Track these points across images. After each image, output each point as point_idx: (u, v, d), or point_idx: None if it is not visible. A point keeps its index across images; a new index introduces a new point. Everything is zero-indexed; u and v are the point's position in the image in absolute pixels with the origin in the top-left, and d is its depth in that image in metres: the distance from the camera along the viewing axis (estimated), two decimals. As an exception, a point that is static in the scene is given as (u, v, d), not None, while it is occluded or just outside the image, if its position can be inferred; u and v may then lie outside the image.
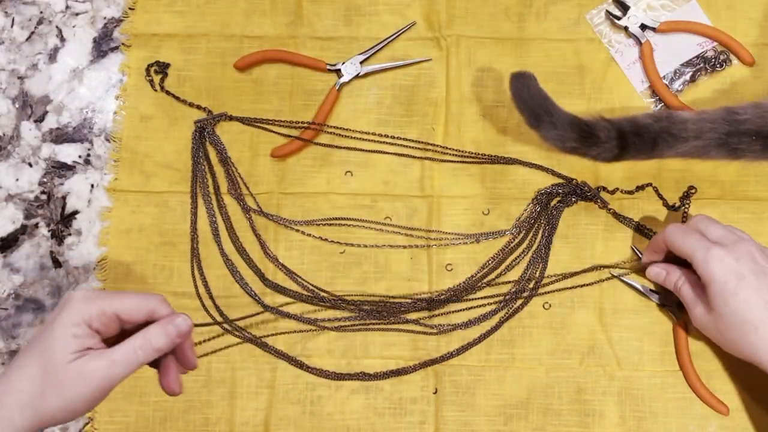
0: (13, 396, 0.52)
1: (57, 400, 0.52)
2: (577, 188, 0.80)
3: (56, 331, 0.53)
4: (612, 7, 0.84)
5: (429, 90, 0.83)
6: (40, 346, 0.53)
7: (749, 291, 0.64)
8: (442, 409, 0.76)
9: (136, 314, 0.55)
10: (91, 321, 0.53)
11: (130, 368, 0.54)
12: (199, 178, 0.82)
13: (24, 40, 0.86)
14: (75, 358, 0.52)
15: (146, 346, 0.54)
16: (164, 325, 0.55)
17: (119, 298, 0.55)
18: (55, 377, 0.52)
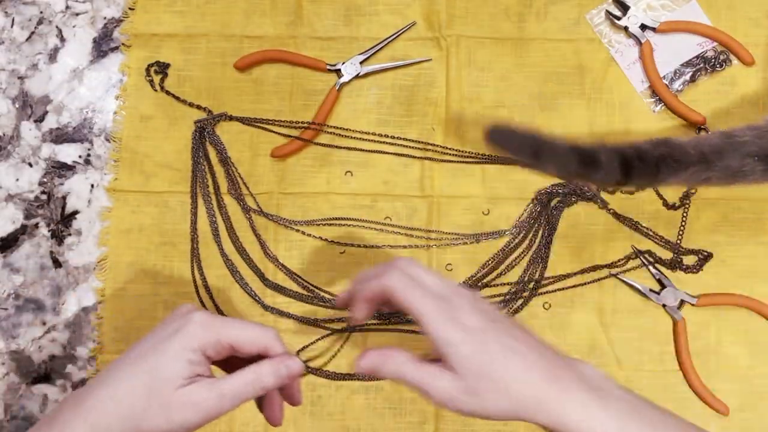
0: (115, 406, 0.51)
1: (161, 422, 0.51)
2: (577, 188, 0.80)
3: (170, 353, 0.52)
4: (612, 7, 0.84)
5: (429, 90, 0.83)
6: (149, 364, 0.52)
7: (493, 343, 0.53)
8: (442, 409, 0.76)
9: (249, 347, 0.54)
10: (206, 348, 0.52)
11: (238, 402, 0.53)
12: (199, 178, 0.82)
13: (24, 40, 0.86)
14: (185, 384, 0.51)
15: (257, 384, 0.53)
16: (277, 365, 0.54)
17: (237, 328, 0.53)
18: (162, 399, 0.51)
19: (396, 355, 0.55)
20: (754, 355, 0.77)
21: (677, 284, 0.78)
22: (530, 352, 0.53)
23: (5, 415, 0.77)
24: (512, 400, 0.51)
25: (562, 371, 0.52)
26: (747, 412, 0.75)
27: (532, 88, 0.83)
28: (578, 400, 0.50)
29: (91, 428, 0.51)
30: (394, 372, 0.54)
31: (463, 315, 0.53)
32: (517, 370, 0.52)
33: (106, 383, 0.52)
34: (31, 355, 0.79)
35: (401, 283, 0.54)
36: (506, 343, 0.53)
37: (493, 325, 0.53)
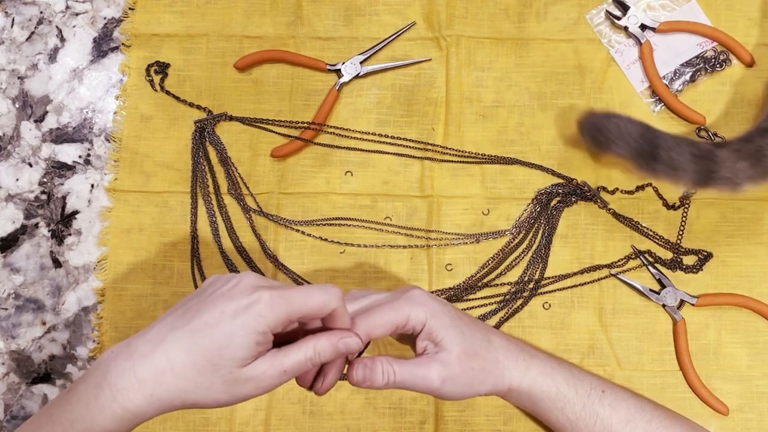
0: (175, 380, 0.50)
1: (223, 396, 0.51)
2: (577, 188, 0.80)
3: (238, 336, 0.50)
4: (612, 7, 0.84)
5: (429, 90, 0.83)
6: (216, 344, 0.50)
7: (459, 313, 0.63)
8: (442, 409, 0.76)
9: (318, 315, 0.54)
10: (276, 328, 0.52)
11: (296, 375, 0.54)
12: (199, 178, 0.82)
13: (24, 40, 0.86)
14: (250, 362, 0.51)
15: (315, 359, 0.54)
16: (336, 342, 0.54)
17: (304, 300, 0.52)
18: (228, 377, 0.51)
19: (381, 360, 0.59)
20: (754, 355, 0.77)
21: (677, 284, 0.78)
22: (488, 326, 0.67)
23: (5, 415, 0.77)
24: (496, 367, 0.62)
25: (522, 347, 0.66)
26: (747, 412, 0.75)
27: (532, 88, 0.83)
28: (536, 367, 0.64)
29: (150, 399, 0.50)
30: (386, 376, 0.59)
31: (425, 295, 0.62)
32: (492, 336, 0.63)
33: (163, 351, 0.51)
34: (31, 355, 0.79)
35: (381, 316, 0.59)
36: (469, 316, 0.65)
37: (449, 303, 0.64)
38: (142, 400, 0.50)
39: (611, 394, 0.65)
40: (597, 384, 0.65)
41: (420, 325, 0.60)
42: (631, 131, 0.71)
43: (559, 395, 0.64)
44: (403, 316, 0.59)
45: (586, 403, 0.64)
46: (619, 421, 0.63)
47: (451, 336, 0.60)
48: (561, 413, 0.64)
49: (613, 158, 0.74)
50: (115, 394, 0.50)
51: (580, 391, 0.64)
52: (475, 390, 0.62)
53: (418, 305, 0.60)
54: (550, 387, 0.64)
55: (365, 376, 0.59)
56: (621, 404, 0.64)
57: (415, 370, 0.59)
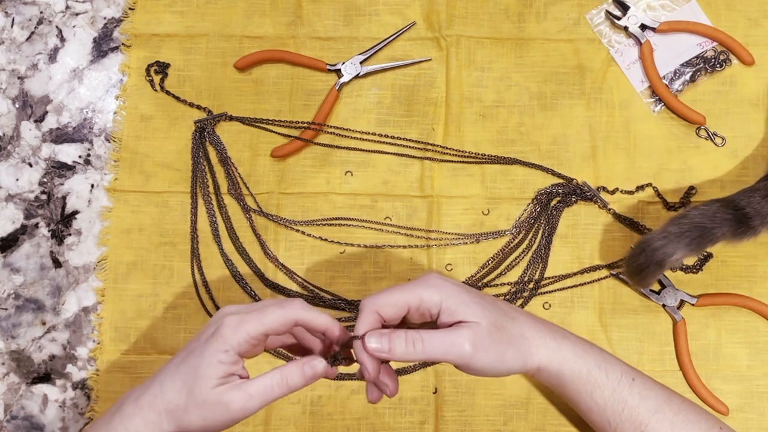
0: (162, 403, 0.57)
1: (198, 420, 0.56)
2: (577, 188, 0.80)
3: (206, 356, 0.56)
4: (612, 7, 0.84)
5: (429, 90, 0.83)
6: (190, 365, 0.57)
7: (478, 293, 0.62)
8: (443, 409, 0.76)
9: (281, 329, 0.57)
10: (239, 348, 0.56)
11: (265, 402, 0.56)
12: (199, 178, 0.82)
13: (24, 40, 0.86)
14: (218, 384, 0.56)
15: (282, 384, 0.56)
16: (301, 366, 0.57)
17: (263, 318, 0.56)
18: (199, 398, 0.55)
19: (403, 331, 0.58)
20: (754, 355, 0.77)
21: (677, 284, 0.78)
22: (510, 305, 0.65)
23: (5, 415, 0.77)
24: (523, 343, 0.61)
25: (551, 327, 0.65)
26: (747, 412, 0.75)
27: (532, 88, 0.83)
28: (566, 347, 0.63)
29: (145, 421, 0.56)
30: (410, 344, 0.57)
31: (442, 277, 0.61)
32: (515, 314, 0.62)
33: (158, 382, 0.58)
34: (31, 355, 0.79)
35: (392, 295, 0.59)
36: (490, 296, 0.64)
37: (468, 286, 0.63)
38: (140, 422, 0.57)
39: (641, 383, 0.64)
40: (627, 371, 0.64)
41: (435, 307, 0.58)
42: (676, 246, 0.70)
43: (590, 378, 0.63)
44: (416, 297, 0.58)
45: (616, 389, 0.63)
46: (647, 410, 0.62)
47: (475, 311, 0.58)
48: (590, 396, 0.63)
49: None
50: (122, 418, 0.57)
51: (611, 377, 0.63)
52: (506, 365, 0.60)
53: (431, 287, 0.59)
54: (581, 369, 0.62)
55: (381, 346, 0.57)
56: (650, 394, 0.63)
57: (444, 337, 0.57)
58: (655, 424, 0.62)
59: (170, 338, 0.78)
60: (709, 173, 0.80)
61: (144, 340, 0.78)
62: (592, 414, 0.64)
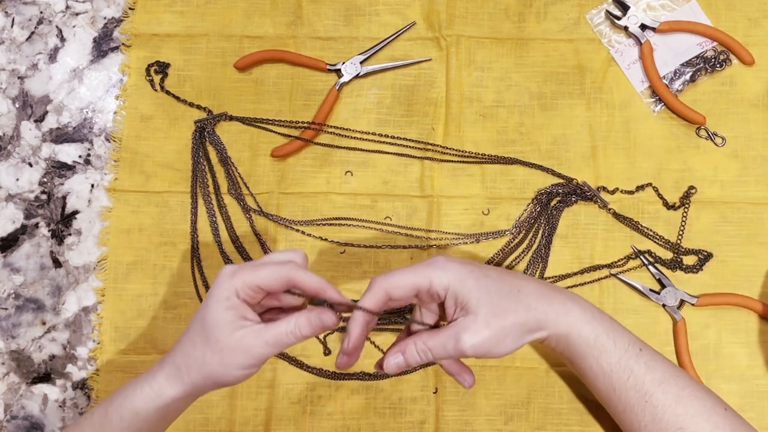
0: (182, 359, 0.59)
1: (218, 366, 0.58)
2: (577, 188, 0.80)
3: (210, 306, 0.58)
4: (612, 7, 0.84)
5: (429, 90, 0.83)
6: (200, 320, 0.59)
7: (486, 269, 0.63)
8: (443, 409, 0.76)
9: (275, 284, 0.59)
10: (237, 293, 0.58)
11: (281, 348, 0.59)
12: (199, 178, 0.82)
13: (24, 40, 0.86)
14: (232, 329, 0.58)
15: (296, 332, 0.58)
16: (310, 317, 0.59)
17: (256, 271, 0.58)
18: (216, 346, 0.58)
19: (412, 341, 0.61)
20: (754, 355, 0.77)
21: (677, 284, 0.78)
22: (519, 274, 0.66)
23: (5, 415, 0.77)
24: (529, 314, 0.61)
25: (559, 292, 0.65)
26: (747, 412, 0.75)
27: (532, 88, 0.83)
28: (575, 312, 0.63)
29: (166, 376, 0.60)
30: (422, 355, 0.61)
31: (450, 259, 0.62)
32: (523, 285, 0.62)
33: (176, 343, 0.61)
34: (31, 355, 0.79)
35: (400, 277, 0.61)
36: (498, 269, 0.64)
37: (476, 262, 0.64)
38: (162, 378, 0.60)
39: (648, 354, 0.63)
40: (635, 342, 0.64)
41: (443, 290, 0.60)
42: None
43: (597, 343, 0.62)
44: (425, 279, 0.60)
45: (623, 357, 0.62)
46: (652, 381, 0.62)
47: (477, 298, 0.60)
48: (596, 361, 0.63)
49: None
50: (148, 376, 0.61)
51: (618, 344, 0.63)
52: (513, 346, 0.61)
53: (440, 269, 0.60)
54: (588, 333, 0.62)
55: (399, 364, 0.62)
56: (657, 365, 0.63)
57: (446, 342, 0.60)
58: (660, 395, 0.62)
59: (170, 338, 0.78)
60: (709, 173, 0.81)
61: (144, 340, 0.78)
62: (598, 380, 0.64)
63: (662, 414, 0.61)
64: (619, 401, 0.63)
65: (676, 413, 0.61)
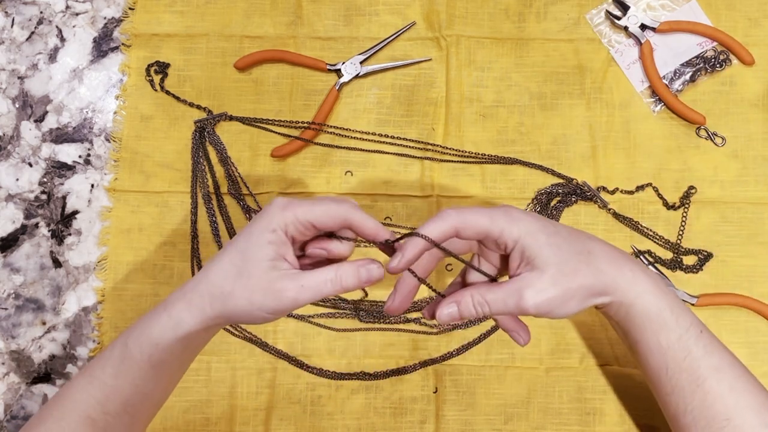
0: (208, 287, 0.56)
1: (244, 303, 0.55)
2: (577, 188, 0.80)
3: (254, 235, 0.55)
4: (612, 7, 0.84)
5: (429, 90, 0.83)
6: (238, 248, 0.56)
7: (558, 226, 0.59)
8: (443, 409, 0.76)
9: (329, 222, 0.56)
10: (286, 228, 0.55)
11: (316, 297, 0.55)
12: (199, 178, 0.82)
13: (24, 40, 0.86)
14: (269, 267, 0.55)
15: (336, 282, 0.55)
16: (358, 268, 0.56)
17: (313, 206, 0.55)
18: (248, 282, 0.54)
19: (469, 293, 0.57)
20: (754, 355, 0.77)
21: (677, 284, 0.78)
22: (591, 236, 0.61)
23: (5, 415, 0.77)
24: (598, 278, 0.57)
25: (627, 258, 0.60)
26: (747, 412, 0.75)
27: (532, 88, 0.83)
28: (643, 282, 0.59)
29: (188, 306, 0.56)
30: (479, 308, 0.57)
31: (521, 211, 0.58)
32: (594, 246, 0.59)
33: (204, 269, 0.57)
34: (31, 355, 0.79)
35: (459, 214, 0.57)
36: (569, 228, 0.60)
37: (547, 218, 0.60)
38: (182, 306, 0.56)
39: (708, 338, 0.60)
40: (697, 323, 0.61)
41: (512, 242, 0.56)
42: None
43: (660, 318, 0.59)
44: (497, 228, 0.56)
45: (683, 336, 0.59)
46: (708, 366, 0.59)
47: (546, 255, 0.56)
48: (654, 336, 0.59)
49: None
50: (166, 306, 0.57)
51: (681, 322, 0.59)
52: (576, 308, 0.57)
53: (513, 221, 0.56)
54: (651, 307, 0.59)
55: (452, 314, 0.58)
56: (715, 351, 0.60)
57: (507, 298, 0.56)
58: (713, 382, 0.59)
59: (170, 338, 0.78)
60: (709, 173, 0.81)
61: (144, 340, 0.78)
62: (652, 355, 0.60)
63: (712, 401, 0.59)
64: (669, 381, 0.60)
65: (726, 403, 0.58)
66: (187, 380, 0.77)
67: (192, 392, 0.77)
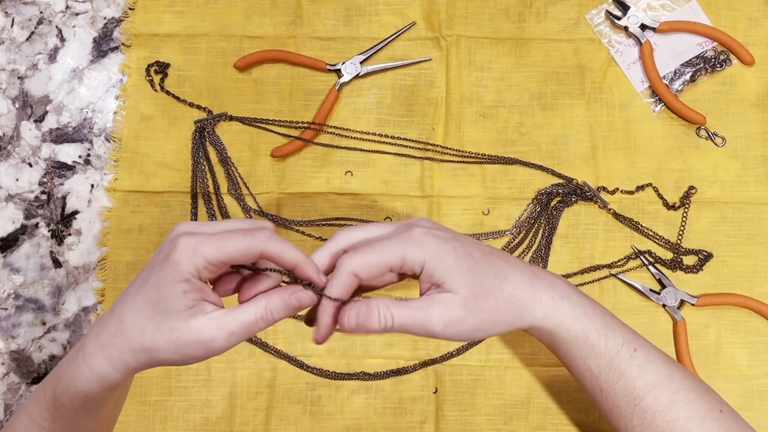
0: (127, 342, 0.51)
1: (172, 356, 0.51)
2: (577, 188, 0.80)
3: (164, 287, 0.50)
4: (612, 7, 0.84)
5: (429, 90, 0.83)
6: (149, 299, 0.51)
7: (470, 248, 0.56)
8: (443, 409, 0.76)
9: (244, 259, 0.52)
10: (199, 274, 0.50)
11: (248, 336, 0.52)
12: (199, 178, 0.82)
13: (24, 40, 0.86)
14: (191, 315, 0.50)
15: (267, 319, 0.52)
16: (287, 298, 0.52)
17: (223, 245, 0.50)
18: (171, 334, 0.50)
19: (378, 303, 0.54)
20: (754, 355, 0.77)
21: (677, 284, 0.78)
22: (508, 258, 0.57)
23: (5, 415, 0.77)
24: (510, 305, 0.55)
25: (540, 276, 0.58)
26: (747, 411, 0.75)
27: (532, 88, 0.83)
28: (564, 309, 0.57)
29: (109, 361, 0.52)
30: (383, 321, 0.53)
31: (432, 230, 0.55)
32: (509, 271, 0.56)
33: (117, 316, 0.52)
34: (31, 355, 0.79)
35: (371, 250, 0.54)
36: (484, 249, 0.57)
37: (460, 236, 0.56)
38: (103, 362, 0.52)
39: (642, 355, 0.58)
40: (630, 340, 0.58)
41: (418, 267, 0.53)
42: None
43: (586, 343, 0.57)
44: (398, 257, 0.53)
45: (614, 359, 0.57)
46: (644, 385, 0.57)
47: (455, 278, 0.53)
48: (583, 362, 0.58)
49: None
50: (84, 357, 0.52)
51: (611, 345, 0.57)
52: (486, 332, 0.55)
53: (416, 245, 0.53)
54: (577, 333, 0.57)
55: (358, 323, 0.54)
56: (650, 367, 0.58)
57: (414, 313, 0.53)
58: (650, 400, 0.57)
59: (170, 338, 0.78)
60: (709, 173, 0.81)
61: (144, 340, 0.78)
62: (585, 380, 0.59)
63: (651, 419, 0.57)
64: (605, 401, 0.59)
65: (667, 419, 0.57)
66: (187, 380, 0.77)
67: (192, 392, 0.77)
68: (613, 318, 0.60)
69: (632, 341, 0.59)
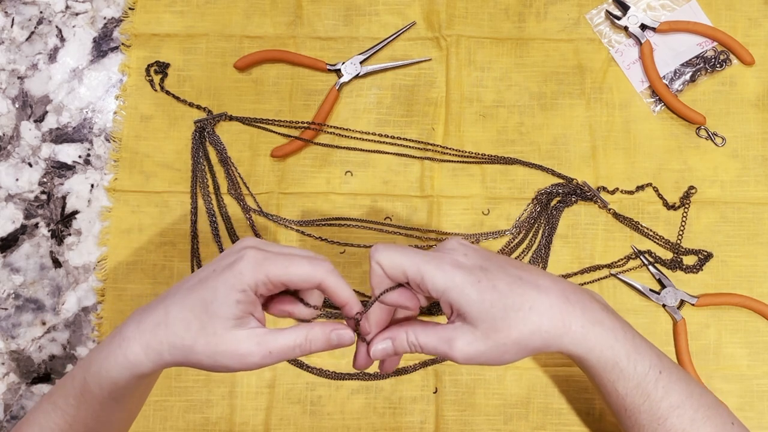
0: (168, 336, 0.52)
1: (206, 360, 0.52)
2: (577, 188, 0.80)
3: (220, 291, 0.52)
4: (612, 7, 0.84)
5: (429, 90, 0.83)
6: (201, 299, 0.52)
7: (497, 278, 0.56)
8: (443, 409, 0.76)
9: (303, 285, 0.54)
10: (257, 288, 0.52)
11: (283, 360, 0.54)
12: (199, 178, 0.82)
13: (24, 40, 0.86)
14: (234, 326, 0.52)
15: (305, 348, 0.54)
16: (328, 333, 0.55)
17: (288, 267, 0.52)
18: (212, 339, 0.52)
19: (404, 331, 0.56)
20: (754, 355, 0.77)
21: (677, 284, 0.78)
22: (539, 282, 0.57)
23: (5, 415, 0.77)
24: (534, 334, 0.55)
25: (574, 296, 0.57)
26: (747, 412, 0.75)
27: (532, 88, 0.83)
28: (595, 336, 0.56)
29: (145, 350, 0.53)
30: (410, 345, 0.56)
31: (459, 257, 0.56)
32: (537, 301, 0.55)
33: (163, 308, 0.53)
34: (31, 355, 0.79)
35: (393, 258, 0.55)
36: (512, 276, 0.56)
37: (489, 263, 0.56)
38: (138, 349, 0.53)
39: (666, 377, 0.59)
40: (656, 364, 0.59)
41: (435, 292, 0.54)
42: None
43: (616, 368, 0.58)
44: (417, 271, 0.54)
45: (641, 383, 0.58)
46: (668, 406, 0.58)
47: (476, 312, 0.54)
48: (612, 384, 0.58)
49: None
50: (121, 342, 0.54)
51: (639, 369, 0.58)
52: (510, 361, 0.56)
53: (438, 270, 0.54)
54: (607, 359, 0.57)
55: (386, 350, 0.57)
56: (674, 388, 0.59)
57: (438, 345, 0.55)
58: (674, 420, 0.58)
59: (170, 338, 0.78)
60: (709, 173, 0.81)
61: (144, 340, 0.78)
62: (611, 398, 0.60)
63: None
64: (629, 419, 0.60)
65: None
66: (187, 380, 0.77)
67: (192, 392, 0.77)
68: (641, 339, 0.60)
69: (657, 364, 0.59)
